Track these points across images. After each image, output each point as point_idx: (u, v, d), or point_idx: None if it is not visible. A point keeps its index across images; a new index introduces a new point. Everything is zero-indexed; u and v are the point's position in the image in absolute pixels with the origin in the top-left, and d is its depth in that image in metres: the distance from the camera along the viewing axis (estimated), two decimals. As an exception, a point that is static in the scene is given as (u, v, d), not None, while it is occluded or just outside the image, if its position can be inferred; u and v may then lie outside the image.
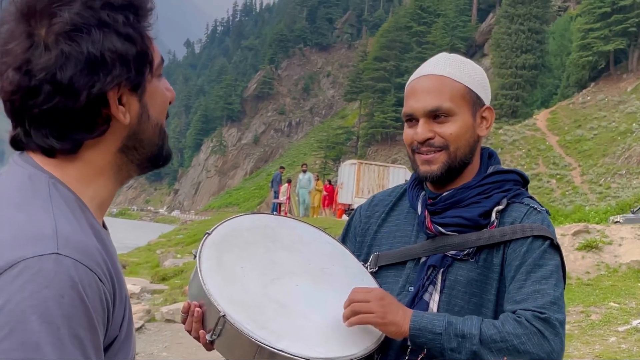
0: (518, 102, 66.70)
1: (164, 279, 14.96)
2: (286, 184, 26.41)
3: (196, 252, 1.67)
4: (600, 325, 8.31)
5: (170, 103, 1.17)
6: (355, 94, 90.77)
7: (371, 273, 1.86)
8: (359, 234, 1.99)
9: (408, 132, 1.82)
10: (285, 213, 25.56)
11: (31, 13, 1.00)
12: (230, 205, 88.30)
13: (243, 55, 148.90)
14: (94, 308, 0.95)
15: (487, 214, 1.77)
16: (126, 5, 1.03)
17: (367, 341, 1.66)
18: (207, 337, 1.57)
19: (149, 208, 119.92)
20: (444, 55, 1.87)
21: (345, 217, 26.48)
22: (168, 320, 10.17)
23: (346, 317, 1.64)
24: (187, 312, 1.63)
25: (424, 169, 1.79)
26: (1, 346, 0.89)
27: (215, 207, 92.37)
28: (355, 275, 1.83)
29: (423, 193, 1.86)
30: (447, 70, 1.79)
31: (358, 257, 1.92)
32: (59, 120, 1.02)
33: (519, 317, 1.62)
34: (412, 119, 1.81)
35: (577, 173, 44.42)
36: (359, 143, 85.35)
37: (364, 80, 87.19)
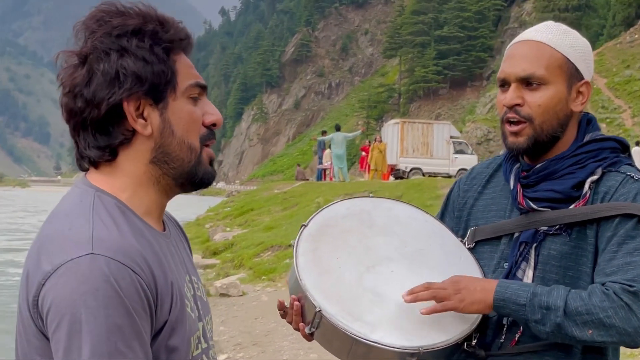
0: (563, 46, 64.80)
1: (215, 254, 15.07)
2: (329, 149, 25.82)
3: (294, 242, 1.71)
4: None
5: (215, 126, 1.30)
6: (395, 50, 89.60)
7: (468, 249, 1.85)
8: (457, 209, 1.97)
9: (499, 98, 1.79)
10: (331, 178, 25.24)
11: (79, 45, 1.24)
12: (275, 173, 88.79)
13: (279, 19, 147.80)
14: (129, 297, 1.11)
15: (580, 184, 1.72)
16: (141, 32, 1.21)
17: (463, 323, 1.65)
18: (307, 329, 1.63)
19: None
20: (548, 23, 1.81)
21: (392, 179, 26.01)
22: (222, 295, 10.16)
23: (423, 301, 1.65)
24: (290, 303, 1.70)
25: (511, 140, 1.76)
26: (54, 336, 1.11)
27: (259, 176, 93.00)
28: (452, 252, 1.82)
29: (517, 165, 1.83)
30: (547, 38, 1.74)
31: (457, 232, 1.90)
32: (91, 130, 1.22)
33: (607, 289, 1.57)
34: (504, 84, 1.77)
35: (628, 115, 43.05)
36: (401, 100, 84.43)
37: (402, 36, 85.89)
